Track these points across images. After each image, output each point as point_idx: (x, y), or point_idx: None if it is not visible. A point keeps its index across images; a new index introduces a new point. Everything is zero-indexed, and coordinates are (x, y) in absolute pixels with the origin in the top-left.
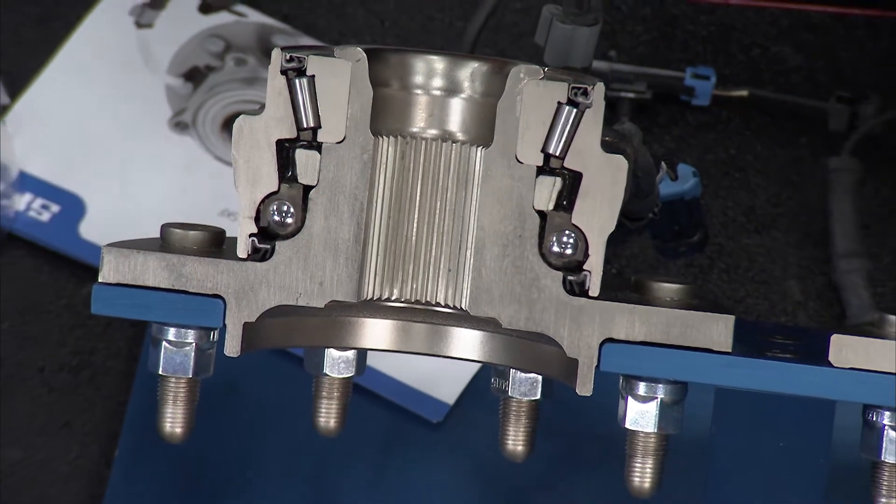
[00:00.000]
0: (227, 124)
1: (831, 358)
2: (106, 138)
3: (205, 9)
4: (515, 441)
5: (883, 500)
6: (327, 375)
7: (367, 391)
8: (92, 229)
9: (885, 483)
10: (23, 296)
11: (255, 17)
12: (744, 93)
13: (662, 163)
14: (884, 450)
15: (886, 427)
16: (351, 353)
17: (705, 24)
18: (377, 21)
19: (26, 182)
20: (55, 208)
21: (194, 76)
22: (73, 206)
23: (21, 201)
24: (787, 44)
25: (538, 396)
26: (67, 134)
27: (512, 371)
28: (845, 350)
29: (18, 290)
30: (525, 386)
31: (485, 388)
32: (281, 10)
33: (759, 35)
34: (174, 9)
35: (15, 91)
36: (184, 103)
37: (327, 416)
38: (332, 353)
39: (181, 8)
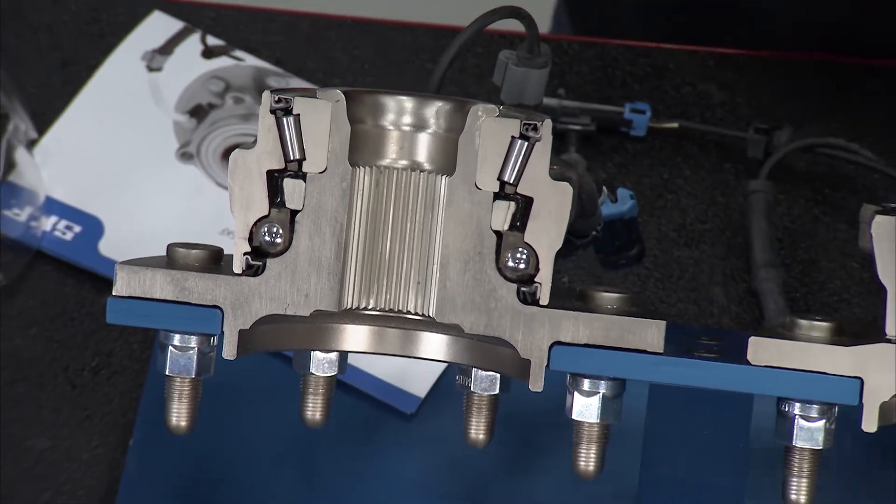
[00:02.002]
0: (227, 155)
1: (749, 357)
2: (121, 167)
3: (207, 54)
4: (477, 431)
5: (794, 479)
6: (313, 374)
7: (348, 386)
8: (110, 247)
9: (796, 465)
10: (50, 305)
11: (251, 61)
12: (675, 125)
13: (604, 187)
14: (795, 436)
15: (797, 416)
16: (334, 355)
17: (642, 66)
18: (358, 64)
19: (52, 206)
20: (77, 229)
21: (198, 113)
22: (93, 227)
23: (48, 223)
24: (713, 82)
25: (497, 391)
26: (88, 164)
27: (474, 369)
28: (761, 350)
29: (46, 300)
30: (485, 382)
31: (452, 383)
32: (274, 55)
33: (688, 74)
34: (180, 55)
35: (42, 127)
36: (189, 136)
37: (313, 409)
38: (317, 355)
39: (187, 54)
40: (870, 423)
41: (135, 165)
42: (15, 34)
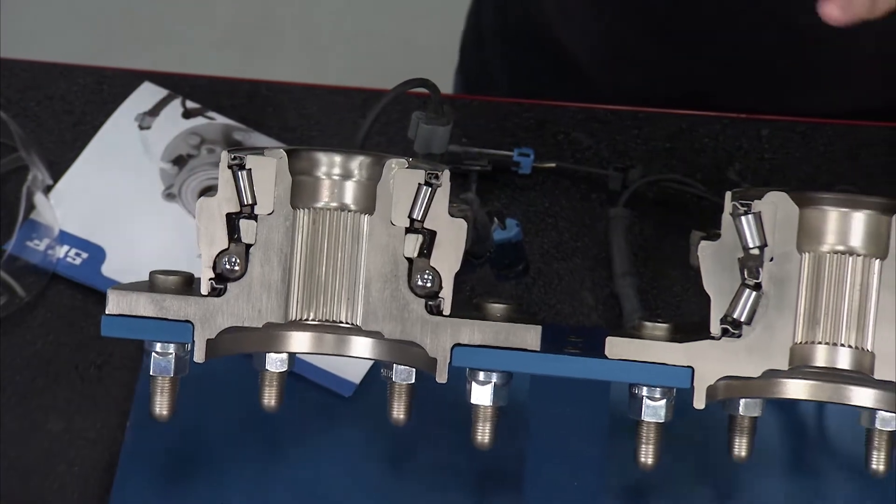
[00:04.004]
0: (202, 194)
1: (606, 352)
2: (119, 206)
3: (186, 115)
4: (398, 412)
5: (643, 446)
6: (268, 370)
7: (298, 375)
8: (111, 270)
9: (644, 435)
10: (63, 316)
11: (221, 119)
12: (553, 165)
13: (495, 218)
14: (643, 412)
15: (644, 397)
16: (284, 355)
17: (527, 118)
18: (305, 120)
19: (64, 238)
20: (85, 255)
21: (179, 161)
22: (97, 254)
23: (61, 251)
24: (582, 131)
25: (413, 381)
26: (93, 203)
27: (394, 364)
28: (615, 347)
29: (61, 313)
30: (404, 374)
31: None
32: (240, 114)
33: (563, 125)
34: (165, 116)
35: (57, 175)
36: (172, 180)
37: (269, 398)
38: (270, 355)
39: (170, 115)
40: (699, 402)
41: (130, 204)
42: (35, 102)
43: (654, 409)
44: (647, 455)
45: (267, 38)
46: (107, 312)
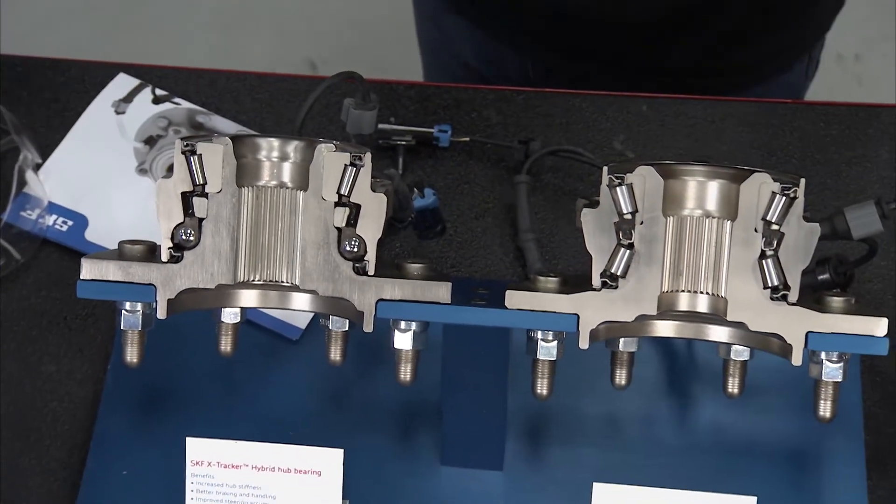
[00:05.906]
0: (170, 169)
1: (506, 303)
2: (99, 180)
3: (155, 101)
4: (335, 354)
5: (539, 380)
6: (223, 322)
7: (251, 322)
8: (93, 235)
9: (539, 370)
10: (53, 275)
11: (185, 104)
12: (467, 139)
13: (415, 188)
14: (538, 352)
15: (539, 339)
16: (236, 309)
17: (446, 99)
18: (258, 105)
19: (53, 208)
20: (70, 223)
21: (150, 141)
22: (81, 222)
23: (50, 220)
24: (492, 110)
25: (346, 329)
26: (77, 179)
27: (330, 315)
28: (514, 298)
29: (50, 272)
30: (339, 323)
31: None
32: (201, 100)
33: (476, 105)
34: (138, 102)
35: (45, 154)
36: (144, 158)
37: (225, 345)
38: (225, 310)
39: (142, 101)
40: (584, 343)
41: (108, 179)
42: (27, 92)
43: (547, 350)
44: (542, 387)
45: (230, 32)
46: (81, 278)
